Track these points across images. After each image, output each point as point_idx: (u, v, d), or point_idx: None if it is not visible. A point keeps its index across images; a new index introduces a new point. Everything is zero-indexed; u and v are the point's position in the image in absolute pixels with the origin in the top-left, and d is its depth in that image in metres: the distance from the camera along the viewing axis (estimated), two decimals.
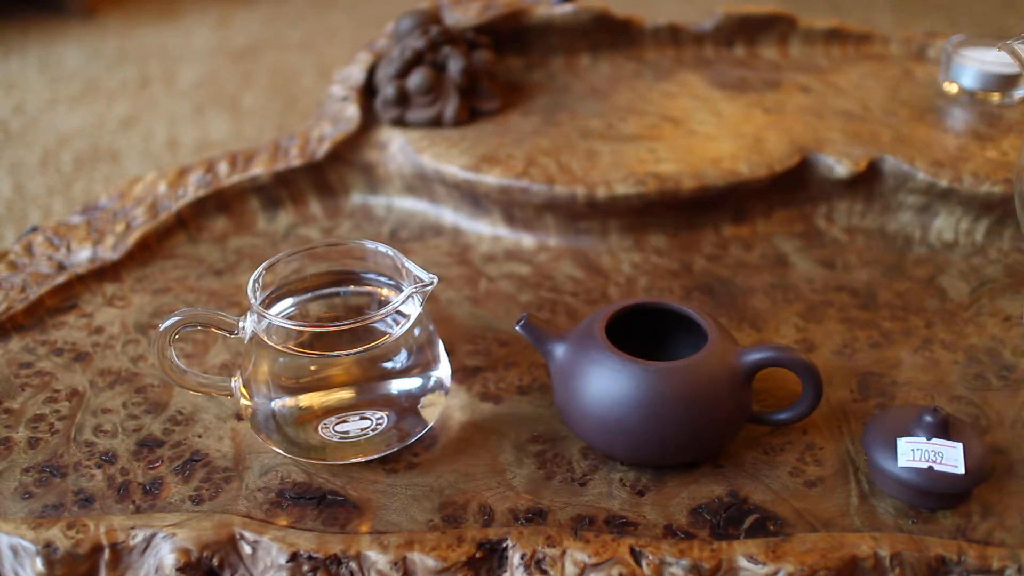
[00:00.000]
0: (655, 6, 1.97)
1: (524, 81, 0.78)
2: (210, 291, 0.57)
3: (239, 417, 0.47)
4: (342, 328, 0.40)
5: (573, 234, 0.63)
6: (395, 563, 0.38)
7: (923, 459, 0.39)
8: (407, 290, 0.41)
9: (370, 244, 0.45)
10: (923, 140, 0.66)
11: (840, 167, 0.63)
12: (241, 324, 0.42)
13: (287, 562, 0.38)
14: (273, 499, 0.41)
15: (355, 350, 0.41)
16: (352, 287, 0.47)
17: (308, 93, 1.68)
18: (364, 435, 0.42)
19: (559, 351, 0.43)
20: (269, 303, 0.44)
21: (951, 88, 0.75)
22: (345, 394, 0.42)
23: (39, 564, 0.38)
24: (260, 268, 0.43)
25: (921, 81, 0.78)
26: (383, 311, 0.40)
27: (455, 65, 0.69)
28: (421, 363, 0.43)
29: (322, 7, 2.12)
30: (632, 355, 0.41)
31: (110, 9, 2.14)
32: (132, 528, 0.39)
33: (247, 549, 0.39)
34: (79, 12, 2.08)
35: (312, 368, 0.42)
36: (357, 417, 0.42)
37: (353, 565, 0.38)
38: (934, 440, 0.39)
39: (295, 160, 0.66)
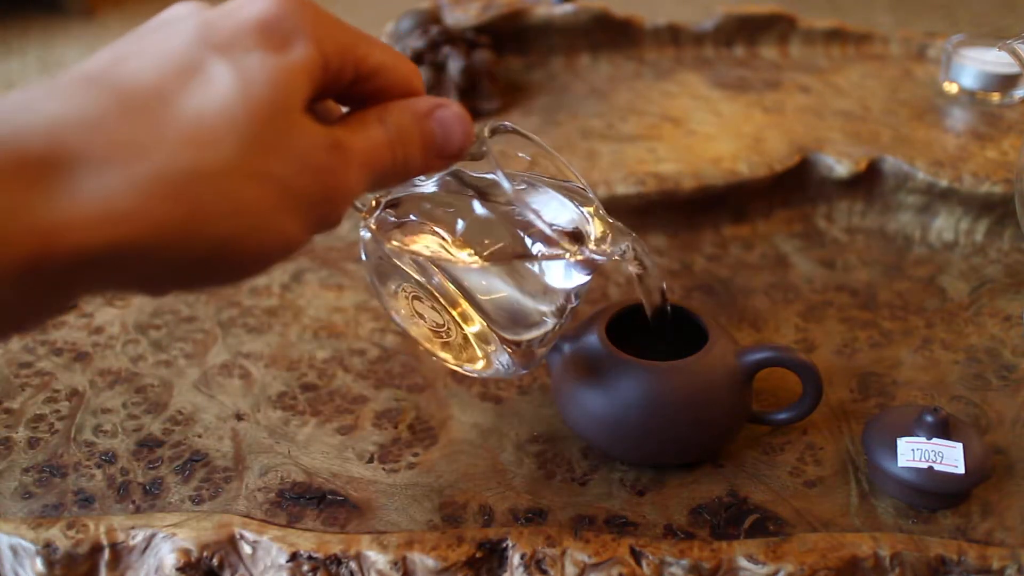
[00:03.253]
0: (655, 6, 1.97)
1: (524, 81, 0.78)
2: (210, 291, 0.57)
3: (239, 417, 0.47)
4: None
5: None
6: (395, 563, 0.38)
7: (923, 459, 0.39)
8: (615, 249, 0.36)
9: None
10: (923, 140, 0.66)
11: (840, 167, 0.63)
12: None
13: (287, 562, 0.38)
14: (273, 499, 0.41)
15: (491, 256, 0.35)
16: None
17: None
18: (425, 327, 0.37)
19: (559, 351, 0.43)
20: None
21: (951, 88, 0.75)
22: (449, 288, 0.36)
23: (39, 564, 0.38)
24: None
25: (921, 81, 0.78)
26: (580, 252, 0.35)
27: (455, 65, 0.69)
28: (526, 323, 0.37)
29: (322, 7, 2.12)
30: (632, 355, 0.41)
31: (110, 9, 2.14)
32: (132, 528, 0.39)
33: (247, 549, 0.39)
34: (79, 12, 2.08)
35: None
36: (433, 309, 0.36)
37: (353, 565, 0.38)
38: (934, 440, 0.39)
39: None
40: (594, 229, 0.39)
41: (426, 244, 0.36)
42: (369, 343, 0.52)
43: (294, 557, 0.38)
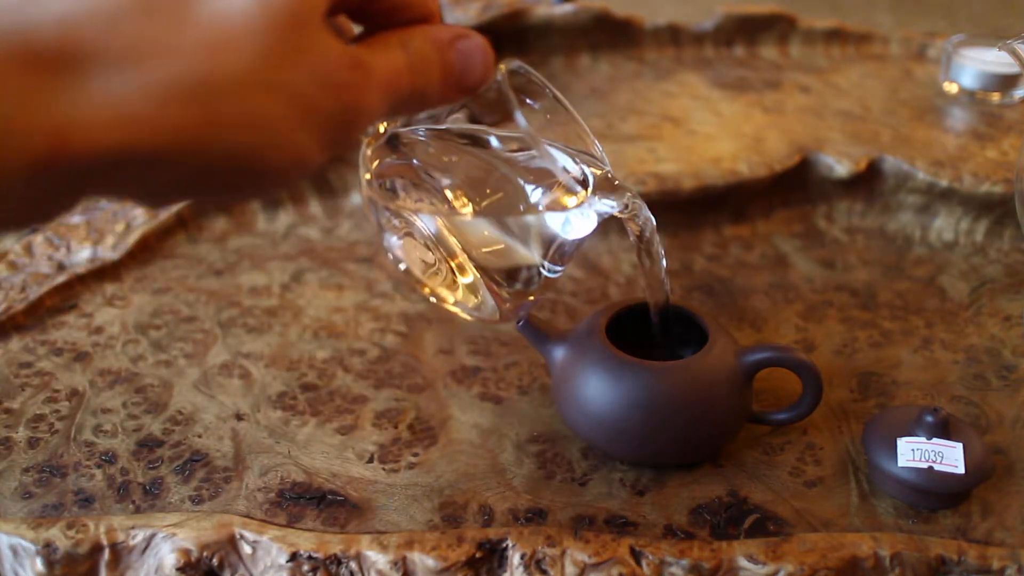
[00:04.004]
0: (655, 6, 1.97)
1: None
2: (210, 291, 0.57)
3: (239, 417, 0.47)
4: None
5: None
6: (395, 563, 0.38)
7: (923, 459, 0.39)
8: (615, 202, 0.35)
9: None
10: (923, 140, 0.66)
11: (840, 167, 0.63)
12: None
13: (287, 562, 0.38)
14: (273, 499, 0.41)
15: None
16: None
17: None
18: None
19: (559, 351, 0.43)
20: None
21: (951, 88, 0.75)
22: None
23: (39, 564, 0.38)
24: None
25: (921, 81, 0.78)
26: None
27: None
28: (522, 277, 0.37)
29: None
30: (632, 355, 0.41)
31: None
32: (132, 528, 0.39)
33: (247, 549, 0.39)
34: None
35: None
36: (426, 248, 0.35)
37: (353, 565, 0.38)
38: (934, 440, 0.39)
39: None
40: (596, 182, 0.38)
41: (425, 195, 0.36)
42: (369, 343, 0.52)
43: (294, 557, 0.38)
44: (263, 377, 0.49)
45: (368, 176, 0.37)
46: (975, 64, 0.73)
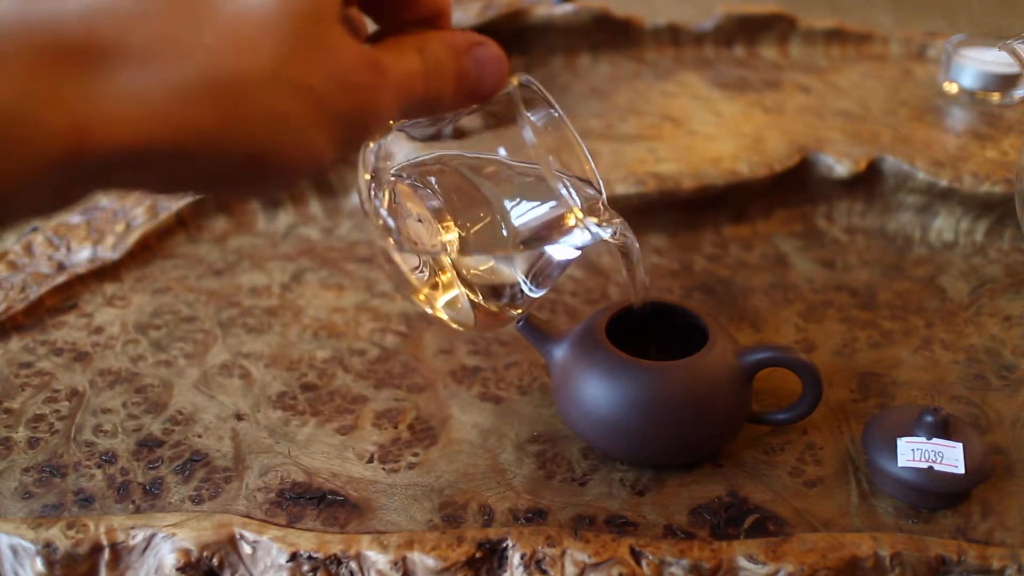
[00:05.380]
0: (655, 6, 1.97)
1: None
2: (210, 291, 0.57)
3: (239, 417, 0.47)
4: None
5: None
6: (395, 563, 0.38)
7: (923, 459, 0.39)
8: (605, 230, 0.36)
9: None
10: (923, 140, 0.66)
11: (840, 167, 0.63)
12: None
13: (287, 562, 0.38)
14: (273, 499, 0.41)
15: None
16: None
17: None
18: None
19: (559, 351, 0.43)
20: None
21: (951, 88, 0.75)
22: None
23: (39, 564, 0.38)
24: None
25: (921, 81, 0.78)
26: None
27: None
28: (507, 293, 0.38)
29: None
30: (632, 355, 0.41)
31: None
32: (132, 528, 0.39)
33: (247, 549, 0.39)
34: None
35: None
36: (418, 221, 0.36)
37: (353, 565, 0.38)
38: (934, 440, 0.39)
39: None
40: (588, 207, 0.38)
41: (415, 205, 0.36)
42: (369, 343, 0.52)
43: (294, 557, 0.38)
44: (263, 377, 0.49)
45: (367, 177, 0.37)
46: (975, 64, 0.73)
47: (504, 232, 0.36)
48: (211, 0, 0.22)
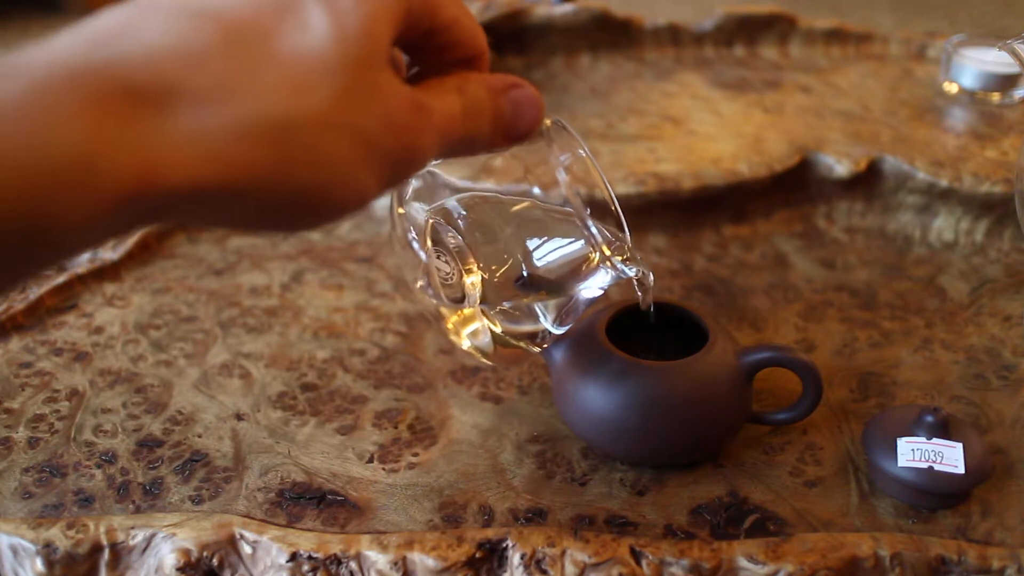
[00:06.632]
0: (655, 6, 1.97)
1: None
2: (210, 291, 0.57)
3: (239, 417, 0.47)
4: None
5: None
6: (395, 563, 0.38)
7: (923, 459, 0.39)
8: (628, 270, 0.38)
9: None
10: (923, 140, 0.66)
11: (840, 167, 0.63)
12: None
13: (287, 562, 0.38)
14: (273, 499, 0.41)
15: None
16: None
17: None
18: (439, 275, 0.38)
19: (559, 351, 0.43)
20: None
21: (951, 88, 0.75)
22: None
23: (39, 564, 0.38)
24: None
25: (921, 81, 0.78)
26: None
27: None
28: (522, 328, 0.39)
29: None
30: (632, 355, 0.41)
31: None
32: (132, 528, 0.39)
33: (247, 549, 0.39)
34: (79, 12, 2.08)
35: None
36: (445, 260, 0.37)
37: (353, 565, 0.38)
38: (934, 440, 0.39)
39: None
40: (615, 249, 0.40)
41: (446, 256, 0.38)
42: (369, 343, 0.52)
43: (294, 557, 0.38)
44: (263, 377, 0.49)
45: (400, 211, 0.38)
46: (975, 64, 0.73)
47: (525, 273, 0.37)
48: (269, 42, 0.23)
